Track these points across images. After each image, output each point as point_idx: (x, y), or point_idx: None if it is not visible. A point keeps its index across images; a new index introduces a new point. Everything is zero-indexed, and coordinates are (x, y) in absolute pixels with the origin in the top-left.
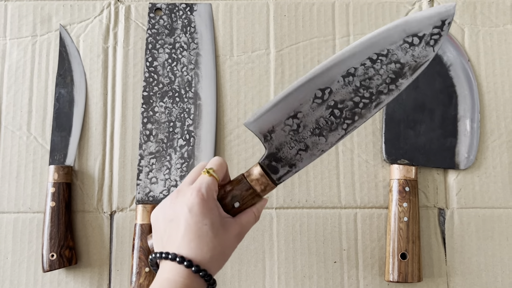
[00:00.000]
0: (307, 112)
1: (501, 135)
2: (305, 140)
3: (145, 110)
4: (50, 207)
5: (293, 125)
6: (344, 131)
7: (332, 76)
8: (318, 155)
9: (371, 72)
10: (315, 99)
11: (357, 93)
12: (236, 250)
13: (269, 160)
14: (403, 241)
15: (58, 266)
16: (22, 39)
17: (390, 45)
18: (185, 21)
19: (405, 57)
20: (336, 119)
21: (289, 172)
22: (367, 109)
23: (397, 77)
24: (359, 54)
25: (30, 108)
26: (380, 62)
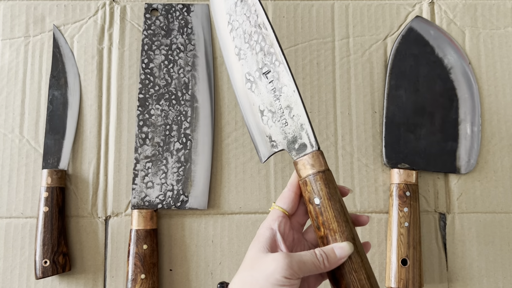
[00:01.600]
0: (260, 99)
1: (502, 139)
2: (282, 105)
3: (141, 113)
4: (43, 212)
5: (268, 115)
6: (282, 64)
7: (237, 69)
8: (298, 96)
9: (240, 31)
10: (252, 88)
11: (253, 47)
12: (234, 255)
13: (294, 149)
14: (404, 247)
15: (52, 273)
16: (14, 39)
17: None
18: (182, 22)
19: None
20: (270, 72)
21: (307, 132)
22: (266, 38)
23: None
24: (225, 40)
25: (22, 110)
26: (235, 21)
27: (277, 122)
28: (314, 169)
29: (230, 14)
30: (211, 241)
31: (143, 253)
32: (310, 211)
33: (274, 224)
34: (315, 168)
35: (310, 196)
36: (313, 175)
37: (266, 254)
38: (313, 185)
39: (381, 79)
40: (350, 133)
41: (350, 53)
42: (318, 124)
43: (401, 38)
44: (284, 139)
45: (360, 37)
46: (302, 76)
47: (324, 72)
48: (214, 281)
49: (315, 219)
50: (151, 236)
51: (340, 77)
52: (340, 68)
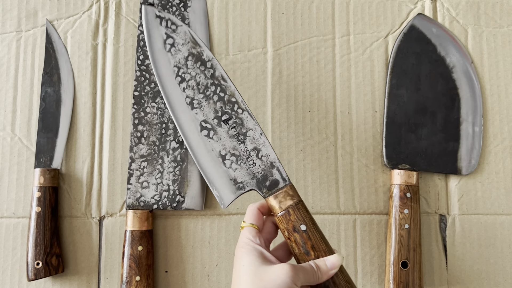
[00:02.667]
0: (221, 144)
1: (504, 139)
2: (248, 148)
3: (136, 111)
4: (36, 212)
5: (232, 159)
6: (245, 111)
7: (190, 118)
8: (265, 137)
9: (192, 82)
10: (209, 135)
11: (210, 97)
12: (230, 257)
13: (264, 187)
14: (404, 249)
15: (44, 275)
16: (6, 34)
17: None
18: (179, 17)
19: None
20: (231, 118)
21: (278, 168)
22: (227, 89)
23: (199, 60)
24: (172, 90)
25: (14, 107)
26: (185, 73)
27: (242, 164)
28: (294, 200)
29: (179, 67)
30: (207, 242)
31: (138, 254)
32: (295, 240)
33: (257, 239)
34: (295, 198)
35: (295, 224)
36: (295, 205)
37: (270, 266)
38: (297, 213)
39: (382, 78)
40: (350, 132)
41: (351, 51)
42: (318, 123)
43: (403, 36)
44: (253, 179)
45: (361, 34)
46: (301, 74)
47: (324, 70)
48: (210, 283)
49: (303, 245)
50: (146, 237)
51: (340, 75)
52: (340, 66)
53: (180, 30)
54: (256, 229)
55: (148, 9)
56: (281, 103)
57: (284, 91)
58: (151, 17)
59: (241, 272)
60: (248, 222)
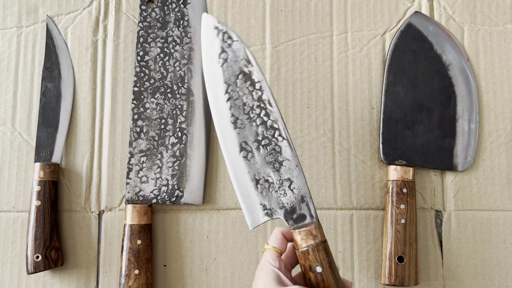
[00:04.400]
0: (256, 168)
1: (500, 136)
2: (282, 178)
3: (136, 106)
4: (35, 206)
5: (264, 185)
6: (285, 140)
7: (231, 137)
8: (300, 170)
9: (239, 101)
10: (247, 158)
11: (253, 119)
12: (229, 251)
13: (291, 219)
14: (400, 244)
15: (44, 268)
16: (6, 30)
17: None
18: (178, 14)
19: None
20: (270, 144)
21: (308, 204)
22: (271, 114)
23: (249, 80)
24: (219, 106)
25: (14, 102)
26: (233, 91)
27: (274, 192)
28: (316, 240)
29: (229, 84)
30: (206, 236)
31: (137, 248)
32: (310, 278)
33: (276, 263)
34: (317, 239)
35: (312, 264)
36: (315, 245)
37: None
38: (316, 255)
39: (379, 75)
40: (347, 129)
41: (348, 48)
42: (315, 119)
43: (400, 33)
44: (281, 209)
45: (359, 32)
46: (299, 71)
47: (322, 67)
48: (208, 277)
49: (315, 285)
50: (145, 231)
51: (338, 72)
52: (338, 63)
53: (235, 46)
54: (277, 252)
55: (208, 19)
56: (279, 99)
57: (282, 87)
58: (209, 27)
59: None
60: (271, 245)
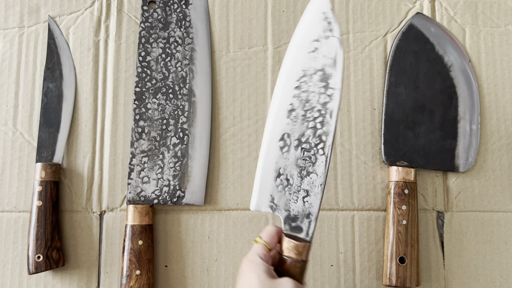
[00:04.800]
0: (285, 163)
1: (501, 137)
2: (302, 186)
3: (137, 107)
4: (37, 206)
5: (283, 182)
6: (324, 156)
7: (280, 122)
8: (321, 190)
9: (304, 95)
10: (283, 149)
11: (308, 119)
12: (230, 252)
13: (288, 224)
14: (401, 245)
15: (45, 268)
16: (8, 30)
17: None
18: (180, 15)
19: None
20: (309, 151)
21: (310, 222)
22: (326, 125)
23: (324, 82)
24: (286, 88)
25: (16, 102)
26: (306, 83)
27: (287, 193)
28: (299, 257)
29: (304, 74)
30: (207, 237)
31: (138, 249)
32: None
33: (266, 257)
34: (301, 257)
35: (286, 271)
36: (295, 261)
37: (277, 280)
38: (291, 268)
39: (381, 76)
40: (349, 130)
41: (350, 49)
42: None
43: (402, 34)
44: (286, 211)
45: (360, 33)
46: None
47: None
48: (209, 277)
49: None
50: (146, 232)
51: None
52: None
53: (331, 42)
54: (267, 248)
55: (323, 1)
56: None
57: None
58: (318, 10)
59: (253, 283)
60: (264, 239)
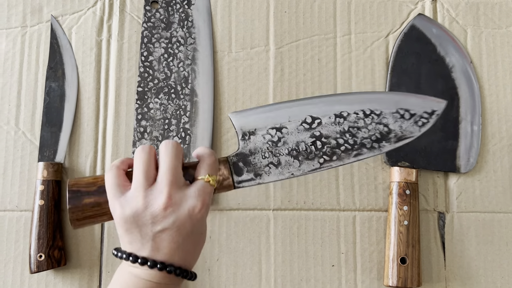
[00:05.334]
0: (292, 131)
1: (502, 138)
2: (280, 156)
3: (140, 106)
4: (39, 205)
5: (274, 137)
6: (319, 164)
7: (326, 109)
8: (286, 176)
9: (361, 123)
10: (304, 123)
11: (343, 136)
12: (231, 252)
13: (238, 159)
14: (403, 245)
15: (47, 267)
16: (11, 29)
17: (384, 108)
18: (182, 15)
19: (394, 125)
20: (315, 150)
21: (252, 180)
22: (346, 154)
23: (382, 138)
24: (356, 102)
25: (18, 102)
26: (372, 118)
27: (269, 154)
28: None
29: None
30: (209, 237)
31: None
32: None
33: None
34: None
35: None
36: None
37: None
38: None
39: (383, 77)
40: None
41: (352, 50)
42: None
43: (403, 35)
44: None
45: (362, 34)
46: (303, 72)
47: (325, 69)
48: (211, 277)
49: None
50: None
51: (341, 74)
52: (341, 65)
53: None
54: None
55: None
56: (282, 100)
57: (286, 88)
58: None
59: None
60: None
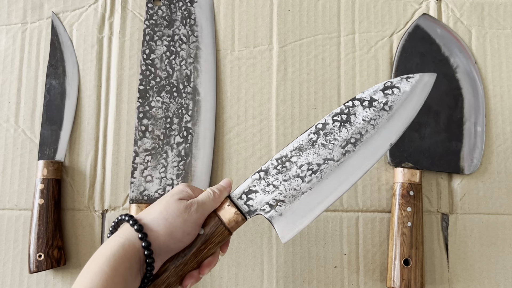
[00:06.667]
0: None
1: (507, 139)
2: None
3: (141, 105)
4: (38, 204)
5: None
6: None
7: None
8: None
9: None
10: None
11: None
12: (233, 252)
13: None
14: (406, 247)
15: (46, 267)
16: (11, 26)
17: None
18: (185, 12)
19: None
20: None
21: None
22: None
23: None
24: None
25: (18, 99)
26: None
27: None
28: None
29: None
30: None
31: None
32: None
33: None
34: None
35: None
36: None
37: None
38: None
39: (387, 77)
40: None
41: (356, 49)
42: None
43: (408, 35)
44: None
45: (366, 33)
46: (306, 71)
47: (329, 68)
48: (212, 278)
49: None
50: None
51: (345, 73)
52: (345, 64)
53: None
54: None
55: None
56: (285, 99)
57: (289, 88)
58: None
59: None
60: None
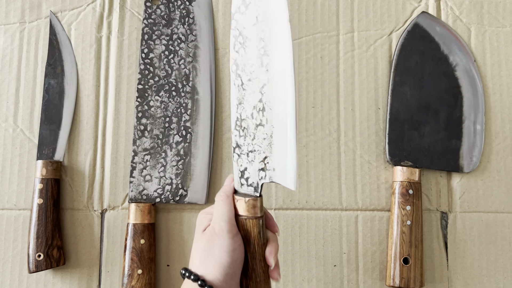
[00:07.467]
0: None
1: (506, 138)
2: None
3: (140, 104)
4: (37, 204)
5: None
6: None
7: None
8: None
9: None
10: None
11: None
12: None
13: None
14: (405, 245)
15: (45, 267)
16: (9, 25)
17: None
18: (184, 11)
19: None
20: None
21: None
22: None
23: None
24: None
25: (17, 99)
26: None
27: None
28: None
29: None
30: None
31: (140, 248)
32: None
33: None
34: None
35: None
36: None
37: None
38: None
39: (386, 75)
40: (353, 129)
41: (355, 48)
42: (321, 119)
43: (407, 33)
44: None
45: (365, 31)
46: (305, 70)
47: (328, 67)
48: None
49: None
50: (148, 231)
51: (344, 72)
52: (344, 63)
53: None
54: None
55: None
56: None
57: None
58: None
59: (225, 215)
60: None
